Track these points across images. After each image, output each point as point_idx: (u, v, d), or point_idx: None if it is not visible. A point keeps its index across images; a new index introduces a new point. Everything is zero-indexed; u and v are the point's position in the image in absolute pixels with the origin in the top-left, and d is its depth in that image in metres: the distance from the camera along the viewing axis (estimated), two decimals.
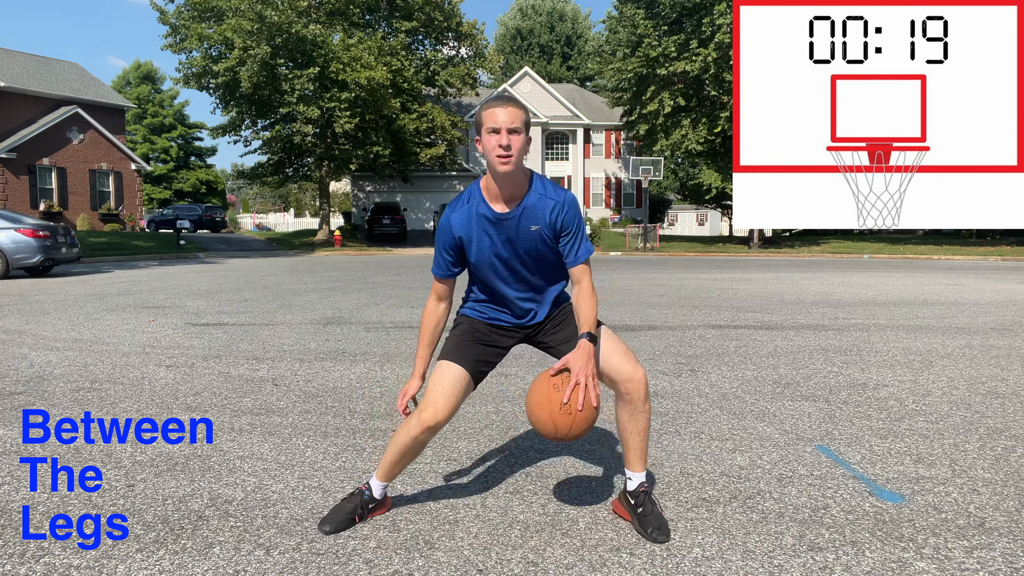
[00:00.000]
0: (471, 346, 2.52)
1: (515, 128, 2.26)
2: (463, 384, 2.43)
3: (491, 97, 2.36)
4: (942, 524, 2.50)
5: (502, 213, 2.39)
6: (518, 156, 2.28)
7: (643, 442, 2.47)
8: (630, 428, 2.44)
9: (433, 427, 2.37)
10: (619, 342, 2.45)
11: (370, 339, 6.54)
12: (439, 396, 2.39)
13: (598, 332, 2.43)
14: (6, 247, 13.86)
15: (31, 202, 30.32)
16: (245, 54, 26.20)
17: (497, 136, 2.25)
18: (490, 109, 2.29)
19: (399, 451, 2.45)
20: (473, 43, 33.19)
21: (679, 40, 28.94)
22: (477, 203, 2.42)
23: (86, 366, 5.26)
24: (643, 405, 2.41)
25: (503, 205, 2.39)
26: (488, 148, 2.27)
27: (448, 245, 2.46)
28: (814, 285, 12.79)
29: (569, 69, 60.90)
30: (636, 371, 2.39)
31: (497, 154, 2.25)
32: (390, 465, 2.49)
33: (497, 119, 2.25)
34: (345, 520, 2.46)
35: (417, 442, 2.42)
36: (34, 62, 33.59)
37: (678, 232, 53.08)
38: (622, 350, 2.42)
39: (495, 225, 2.40)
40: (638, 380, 2.38)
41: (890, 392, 4.52)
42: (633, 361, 2.41)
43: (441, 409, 2.37)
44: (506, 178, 2.32)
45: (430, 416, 2.36)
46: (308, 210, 64.31)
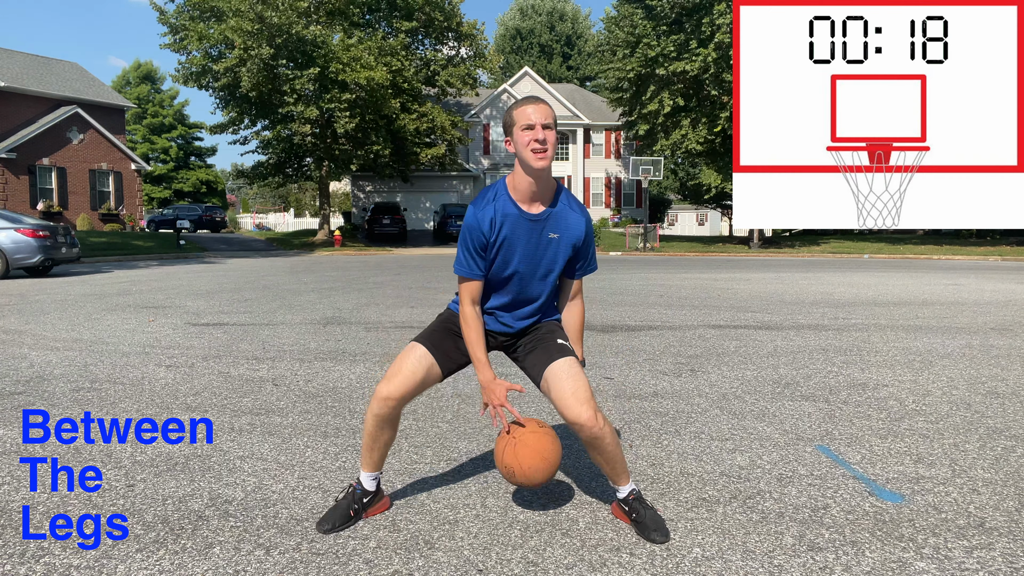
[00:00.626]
0: (445, 337, 2.54)
1: (548, 124, 2.30)
2: (423, 365, 2.45)
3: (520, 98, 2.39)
4: (942, 524, 2.50)
5: (532, 214, 2.40)
6: (552, 151, 2.32)
7: (617, 464, 2.43)
8: (599, 459, 2.42)
9: (386, 399, 2.40)
10: (573, 379, 2.36)
11: (370, 339, 6.54)
12: (397, 371, 2.43)
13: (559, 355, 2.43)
14: (6, 247, 13.86)
15: (31, 202, 30.31)
16: (246, 54, 26.20)
17: (532, 132, 2.28)
18: (522, 107, 2.32)
19: (369, 434, 2.48)
20: (473, 43, 33.17)
21: (679, 40, 28.94)
22: (505, 202, 2.40)
23: (86, 366, 5.26)
24: (602, 440, 2.34)
25: (532, 206, 2.40)
26: (522, 145, 2.29)
27: (477, 244, 2.41)
28: (814, 285, 12.79)
29: (569, 69, 60.91)
30: (582, 413, 2.30)
31: (533, 148, 2.28)
32: (367, 451, 2.52)
33: (531, 117, 2.29)
34: (342, 517, 2.46)
35: (379, 419, 2.44)
36: (34, 62, 33.59)
37: (678, 232, 53.09)
38: (571, 390, 2.34)
39: (525, 226, 2.40)
40: (583, 423, 2.30)
41: (890, 392, 4.52)
42: (581, 401, 2.31)
43: (396, 384, 2.40)
44: (541, 175, 2.34)
45: (384, 388, 2.40)
46: (308, 210, 64.31)
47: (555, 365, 2.41)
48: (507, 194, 2.41)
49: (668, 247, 30.81)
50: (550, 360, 2.43)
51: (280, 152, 31.47)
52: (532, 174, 2.34)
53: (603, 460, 2.41)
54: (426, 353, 2.47)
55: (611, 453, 2.40)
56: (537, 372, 2.47)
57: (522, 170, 2.35)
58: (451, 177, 40.12)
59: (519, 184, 2.38)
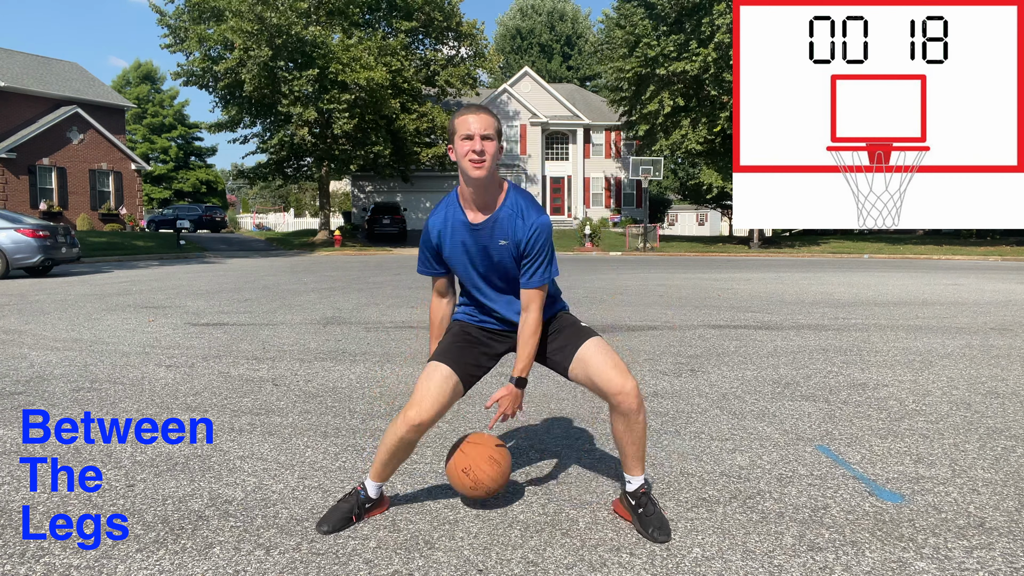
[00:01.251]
0: (462, 349, 2.54)
1: (487, 135, 2.31)
2: (450, 385, 2.44)
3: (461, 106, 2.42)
4: (942, 524, 2.50)
5: (475, 223, 2.43)
6: (491, 162, 2.32)
7: (640, 449, 2.46)
8: (626, 438, 2.44)
9: (418, 426, 2.38)
10: (610, 353, 2.43)
11: (370, 339, 6.54)
12: (424, 395, 2.41)
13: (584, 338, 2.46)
14: (6, 247, 13.86)
15: (31, 202, 30.31)
16: (245, 55, 26.19)
17: (470, 142, 2.30)
18: (462, 117, 2.34)
19: (388, 451, 2.46)
20: (473, 43, 33.18)
21: (679, 40, 28.94)
22: (454, 209, 2.46)
23: (86, 366, 5.26)
24: (637, 416, 2.38)
25: (477, 213, 2.43)
26: (461, 154, 2.32)
27: (429, 249, 2.55)
28: (814, 285, 12.79)
29: (569, 69, 60.92)
30: (626, 383, 2.36)
31: (470, 159, 2.30)
32: (381, 465, 2.50)
33: (470, 126, 2.30)
34: (342, 520, 2.46)
35: (404, 441, 2.43)
36: (34, 62, 33.59)
37: (678, 232, 53.08)
38: (611, 363, 2.39)
39: (470, 233, 2.44)
40: (628, 392, 2.35)
41: (890, 392, 4.52)
42: (624, 373, 2.38)
43: (426, 408, 2.39)
44: (479, 184, 2.35)
45: (415, 415, 2.38)
46: (308, 210, 64.30)
47: (587, 345, 2.45)
48: (457, 202, 2.46)
49: (668, 247, 30.81)
50: (580, 341, 2.47)
51: (280, 152, 31.47)
52: (471, 184, 2.37)
53: (630, 439, 2.43)
54: (450, 372, 2.46)
55: (640, 431, 2.42)
56: (565, 356, 2.48)
57: (463, 180, 2.39)
58: (451, 177, 40.09)
59: (464, 192, 2.43)
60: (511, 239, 2.42)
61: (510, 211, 2.42)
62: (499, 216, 2.42)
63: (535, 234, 2.41)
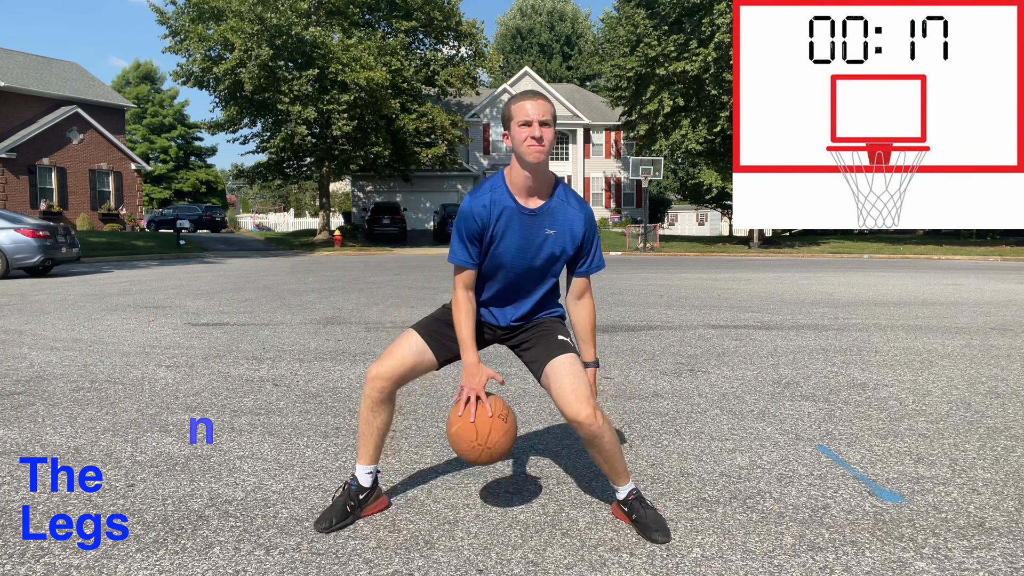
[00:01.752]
0: (444, 327, 2.55)
1: (545, 120, 2.31)
2: (416, 350, 2.48)
3: (518, 93, 2.40)
4: (942, 524, 2.50)
5: (529, 208, 2.41)
6: (549, 147, 2.33)
7: (616, 464, 2.44)
8: (598, 458, 2.43)
9: (374, 379, 2.43)
10: (573, 376, 2.37)
11: (370, 339, 6.54)
12: (388, 354, 2.48)
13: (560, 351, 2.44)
14: (6, 247, 13.86)
15: (31, 202, 30.32)
16: (246, 55, 26.18)
17: (529, 128, 2.29)
18: (519, 103, 2.33)
19: (363, 419, 2.50)
20: (473, 43, 33.16)
21: (679, 40, 28.93)
22: (501, 194, 2.42)
23: (86, 366, 5.26)
24: (599, 440, 2.34)
25: (530, 200, 2.42)
26: (519, 140, 2.31)
27: (473, 233, 2.42)
28: (814, 285, 12.79)
29: (569, 69, 60.92)
30: (579, 411, 2.29)
31: (529, 144, 2.29)
32: (362, 440, 2.53)
33: (528, 112, 2.30)
34: (339, 514, 2.46)
35: (371, 402, 2.46)
36: (34, 62, 33.59)
37: (678, 232, 53.08)
38: (571, 387, 2.34)
39: (522, 219, 2.41)
40: (581, 422, 2.30)
41: (890, 392, 4.52)
42: (581, 399, 2.31)
43: (386, 366, 2.44)
44: (536, 169, 2.35)
45: (373, 368, 2.45)
46: (308, 210, 64.31)
47: (556, 361, 2.41)
48: (505, 187, 2.42)
49: (668, 247, 30.82)
50: (551, 356, 2.44)
51: (279, 152, 31.45)
52: (528, 168, 2.35)
53: (602, 459, 2.42)
54: (419, 340, 2.50)
55: (610, 452, 2.39)
56: (538, 368, 2.48)
57: (519, 164, 2.37)
58: (451, 177, 40.12)
59: (516, 178, 2.40)
60: (560, 228, 2.43)
61: (561, 201, 2.44)
62: (551, 204, 2.43)
63: (590, 222, 2.50)
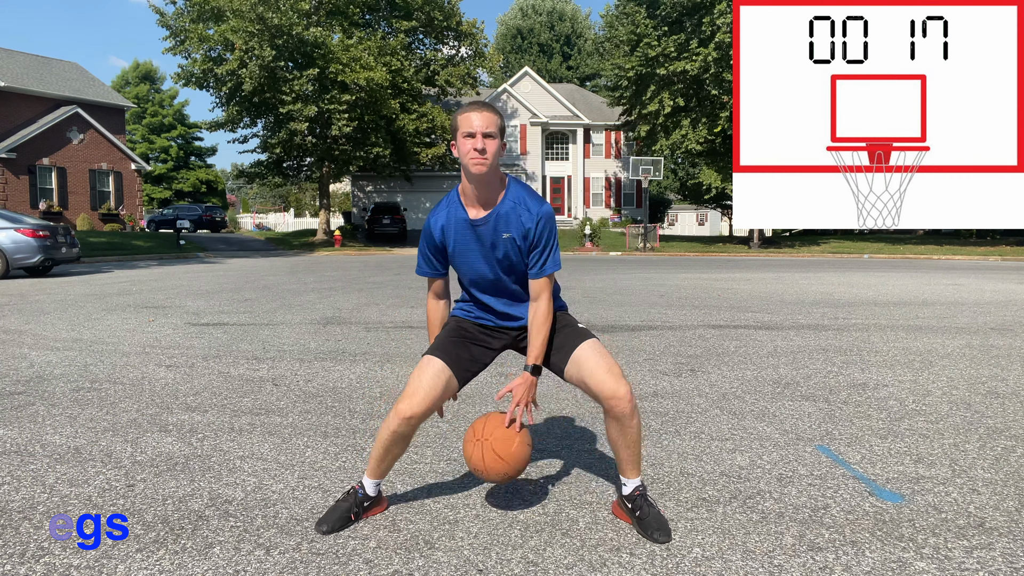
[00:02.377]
0: (458, 344, 2.55)
1: (489, 132, 2.31)
2: (443, 379, 2.45)
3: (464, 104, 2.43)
4: (942, 524, 2.50)
5: (477, 219, 2.44)
6: (493, 159, 2.33)
7: (635, 453, 2.46)
8: (620, 442, 2.44)
9: (409, 419, 2.39)
10: (604, 356, 2.43)
11: (370, 339, 6.54)
12: (417, 388, 2.42)
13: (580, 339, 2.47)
14: (6, 247, 13.86)
15: (31, 202, 30.31)
16: (246, 56, 26.18)
17: (472, 140, 2.31)
18: (465, 114, 2.34)
19: (383, 446, 2.47)
20: (473, 42, 33.17)
21: (679, 40, 28.93)
22: (456, 207, 2.47)
23: (86, 366, 5.26)
24: (630, 420, 2.38)
25: (478, 210, 2.44)
26: (463, 151, 2.33)
27: (431, 248, 2.55)
28: (814, 285, 12.79)
29: (569, 69, 60.92)
30: (619, 387, 2.35)
31: (471, 157, 2.31)
32: (377, 462, 2.51)
33: (472, 124, 2.31)
34: (341, 519, 2.47)
35: (397, 435, 2.43)
36: (34, 62, 33.59)
37: (678, 232, 53.08)
38: (606, 366, 2.39)
39: (472, 230, 2.45)
40: (620, 397, 2.35)
41: (890, 392, 4.52)
42: (617, 377, 2.38)
43: (418, 402, 2.40)
44: (480, 180, 2.37)
45: (406, 408, 2.39)
46: (308, 210, 64.31)
47: (582, 347, 2.45)
48: (459, 200, 2.47)
49: (668, 247, 30.81)
50: (576, 343, 2.47)
51: (280, 151, 31.44)
52: (472, 180, 2.38)
53: (624, 443, 2.43)
54: (443, 367, 2.47)
55: (634, 436, 2.42)
56: (561, 358, 2.49)
57: (465, 176, 2.40)
58: (451, 177, 40.10)
59: (466, 189, 2.44)
60: (515, 231, 2.43)
61: (512, 204, 2.44)
62: (500, 211, 2.43)
63: (541, 223, 2.44)
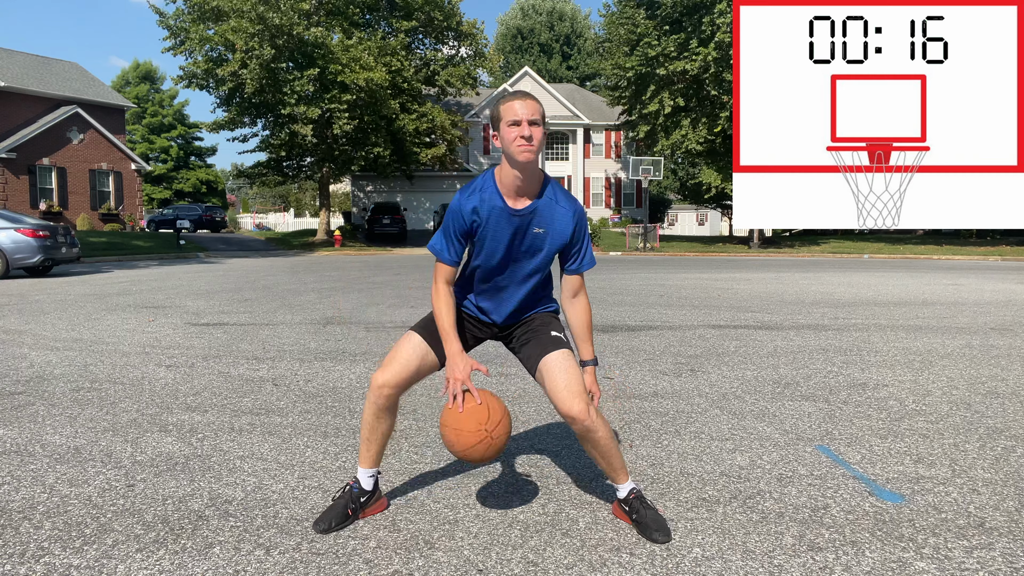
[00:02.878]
0: None
1: (534, 120, 2.30)
2: (419, 353, 2.47)
3: (506, 93, 2.39)
4: (942, 524, 2.50)
5: (517, 209, 2.40)
6: (539, 147, 2.32)
7: (614, 460, 2.45)
8: (593, 454, 2.44)
9: (382, 386, 2.41)
10: (566, 373, 2.39)
11: (370, 339, 6.54)
12: (392, 359, 2.46)
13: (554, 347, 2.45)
14: (6, 247, 13.86)
15: (31, 202, 30.32)
16: (247, 56, 26.17)
17: (518, 128, 2.29)
18: (509, 103, 2.32)
19: (366, 424, 2.48)
20: (473, 42, 33.15)
21: (679, 39, 28.93)
22: (491, 194, 2.41)
23: (86, 366, 5.26)
24: (593, 435, 2.37)
25: (517, 200, 2.41)
26: (508, 140, 2.30)
27: (460, 230, 2.43)
28: (814, 285, 12.79)
29: (569, 69, 60.92)
30: (572, 407, 2.32)
31: (518, 144, 2.28)
32: (365, 446, 2.52)
33: (517, 112, 2.29)
34: (339, 516, 2.47)
35: (377, 408, 2.45)
36: (34, 62, 33.59)
37: (678, 232, 53.09)
38: (564, 383, 2.36)
39: (510, 219, 2.41)
40: (573, 417, 2.33)
41: (890, 392, 4.52)
42: (573, 395, 2.34)
43: (391, 372, 2.42)
44: (526, 169, 2.34)
45: (378, 376, 2.42)
46: (308, 210, 64.31)
47: (549, 358, 2.43)
48: (494, 186, 2.42)
49: (668, 247, 30.81)
50: (544, 352, 2.45)
51: (280, 152, 31.43)
52: (518, 168, 2.34)
53: (598, 455, 2.43)
54: (421, 341, 2.48)
55: (605, 448, 2.41)
56: (532, 364, 2.49)
57: (508, 164, 2.36)
58: (451, 177, 40.13)
59: (505, 178, 2.39)
60: (549, 227, 2.42)
61: (549, 200, 2.43)
62: (539, 205, 2.41)
63: (580, 220, 2.47)
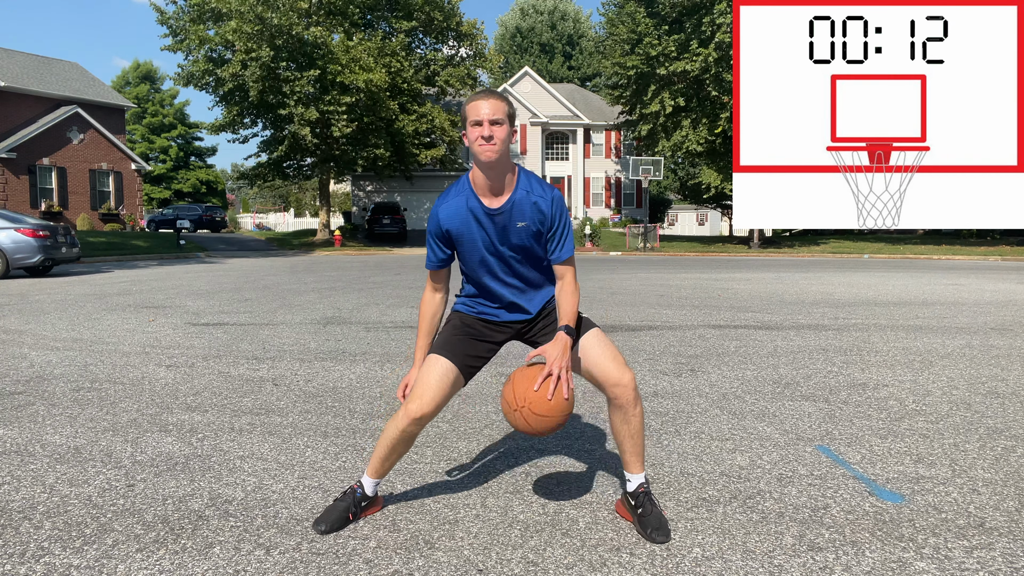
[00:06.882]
0: (461, 341, 2.54)
1: (497, 119, 2.31)
2: (451, 378, 2.46)
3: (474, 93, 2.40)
4: (942, 524, 2.50)
5: (493, 208, 2.42)
6: (501, 145, 2.33)
7: (638, 444, 2.47)
8: (623, 431, 2.46)
9: (419, 419, 2.40)
10: (608, 346, 2.46)
11: (370, 339, 6.54)
12: (425, 389, 2.42)
13: (584, 330, 2.47)
14: (6, 247, 13.86)
15: (31, 202, 30.32)
16: (247, 56, 26.16)
17: (480, 128, 2.31)
18: (473, 102, 2.35)
19: (388, 446, 2.47)
20: (473, 43, 33.16)
21: (679, 40, 28.94)
22: (467, 196, 2.45)
23: (86, 366, 5.26)
24: (633, 409, 2.41)
25: (493, 199, 2.43)
26: (472, 139, 2.34)
27: (438, 236, 2.51)
28: (814, 285, 12.79)
29: (570, 69, 60.92)
30: (623, 375, 2.39)
31: (479, 144, 2.31)
32: (380, 460, 2.51)
33: (480, 111, 2.31)
34: (339, 518, 2.46)
35: (405, 435, 2.44)
36: (34, 62, 33.58)
37: (678, 232, 53.09)
38: (610, 354, 2.43)
39: (488, 219, 2.44)
40: (625, 384, 2.38)
41: (890, 392, 4.52)
42: (621, 365, 2.41)
43: (427, 402, 2.40)
44: (490, 167, 2.36)
45: (416, 408, 2.39)
46: (308, 210, 64.30)
47: (587, 336, 2.47)
48: (470, 188, 2.45)
49: (668, 247, 30.81)
50: (581, 332, 2.47)
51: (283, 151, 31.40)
52: (482, 167, 2.37)
53: (627, 433, 2.45)
54: (450, 365, 2.47)
55: (636, 426, 2.44)
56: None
57: (476, 164, 2.40)
58: (451, 177, 40.11)
59: (478, 178, 2.42)
60: (530, 219, 2.43)
61: (524, 192, 2.44)
62: (515, 199, 2.43)
63: (556, 207, 2.46)
